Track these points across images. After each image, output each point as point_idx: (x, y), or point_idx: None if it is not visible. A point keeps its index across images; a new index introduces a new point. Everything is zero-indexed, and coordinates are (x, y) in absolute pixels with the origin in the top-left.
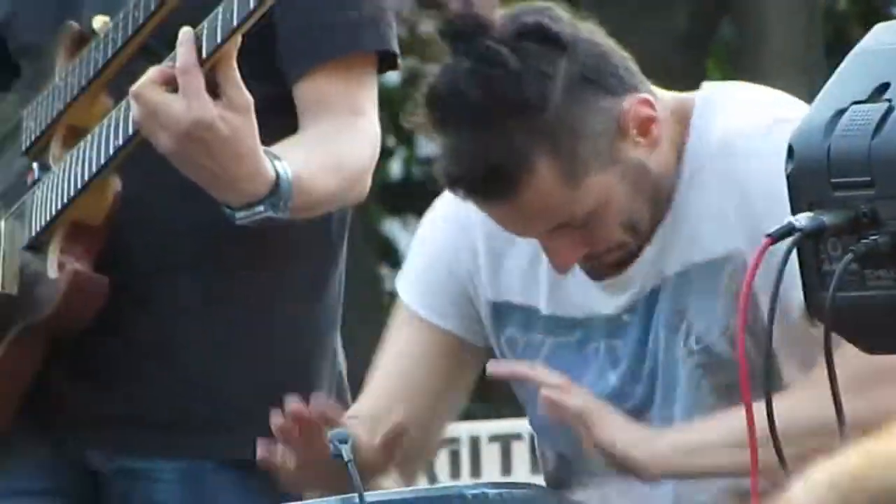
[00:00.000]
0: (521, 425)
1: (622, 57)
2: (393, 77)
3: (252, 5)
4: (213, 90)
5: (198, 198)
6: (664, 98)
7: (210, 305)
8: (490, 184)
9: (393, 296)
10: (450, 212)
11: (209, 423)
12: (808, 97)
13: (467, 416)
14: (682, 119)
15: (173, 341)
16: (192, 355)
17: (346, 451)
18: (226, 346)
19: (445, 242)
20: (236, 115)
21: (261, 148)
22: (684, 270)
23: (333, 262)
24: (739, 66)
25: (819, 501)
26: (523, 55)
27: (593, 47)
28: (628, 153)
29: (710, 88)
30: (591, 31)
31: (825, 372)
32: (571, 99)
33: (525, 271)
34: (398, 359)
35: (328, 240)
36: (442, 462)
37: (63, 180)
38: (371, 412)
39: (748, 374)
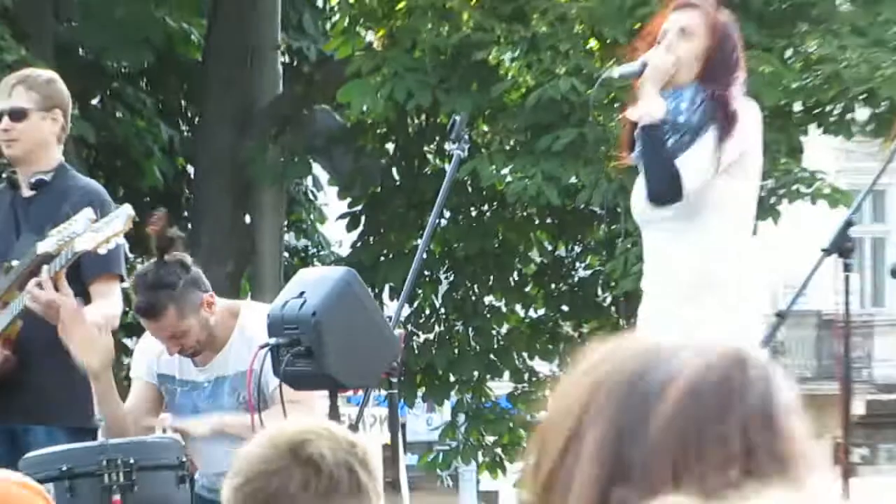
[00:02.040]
0: None
1: (204, 277)
2: None
3: (69, 257)
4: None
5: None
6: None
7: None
8: (148, 313)
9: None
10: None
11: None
12: None
13: None
14: (233, 311)
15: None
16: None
17: None
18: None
19: (146, 344)
20: (68, 298)
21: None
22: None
23: None
24: None
25: None
26: (174, 269)
27: (196, 271)
28: (203, 314)
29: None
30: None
31: None
32: (186, 288)
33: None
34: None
35: None
36: None
37: None
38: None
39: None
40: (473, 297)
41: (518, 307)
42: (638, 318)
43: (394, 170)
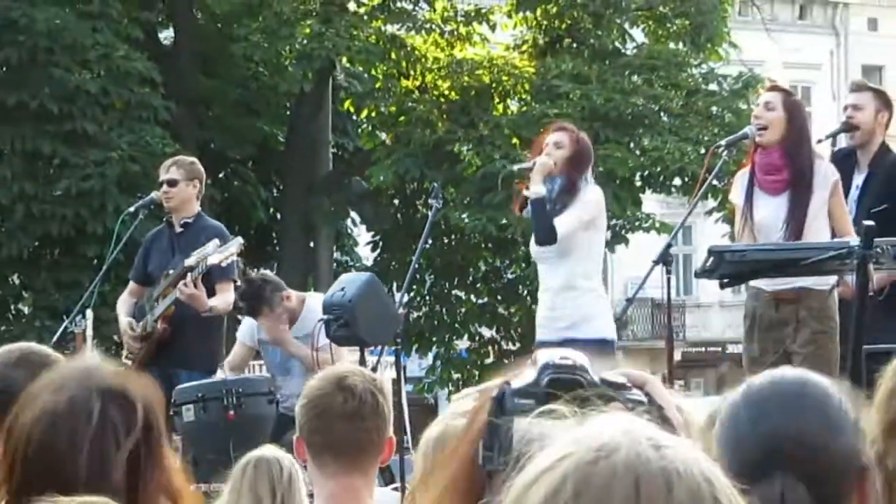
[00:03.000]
0: None
1: (282, 282)
2: None
3: (203, 268)
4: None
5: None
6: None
7: None
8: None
9: None
10: None
11: None
12: None
13: None
14: (301, 299)
15: None
16: None
17: None
18: None
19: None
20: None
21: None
22: None
23: None
24: None
25: None
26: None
27: (275, 280)
28: (284, 304)
29: None
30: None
31: None
32: (271, 293)
33: None
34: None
35: None
36: None
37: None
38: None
39: None
40: (446, 291)
41: (472, 297)
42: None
43: (399, 215)
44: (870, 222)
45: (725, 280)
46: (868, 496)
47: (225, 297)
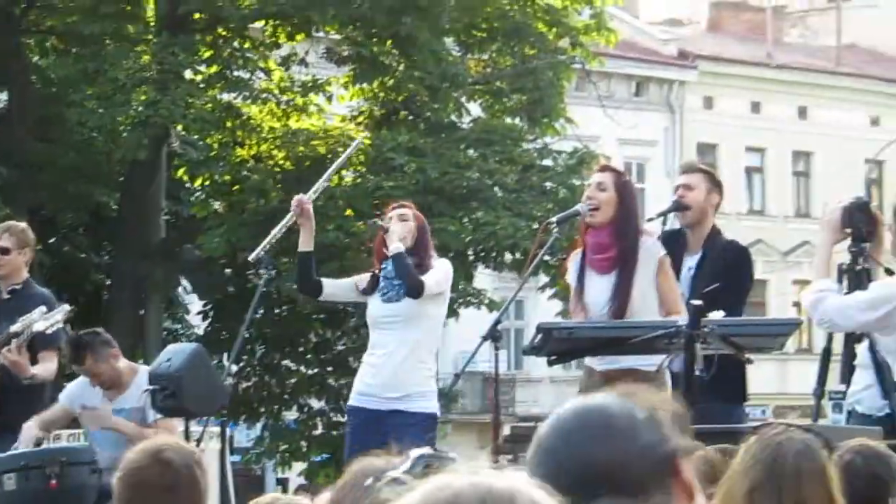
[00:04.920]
0: None
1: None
2: None
3: (28, 335)
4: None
5: None
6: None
7: None
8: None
9: None
10: None
11: None
12: None
13: None
14: (133, 369)
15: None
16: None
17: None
18: None
19: (74, 387)
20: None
21: None
22: None
23: None
24: None
25: None
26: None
27: (106, 336)
28: (111, 362)
29: None
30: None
31: None
32: (100, 345)
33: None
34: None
35: None
36: None
37: None
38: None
39: None
40: (276, 361)
41: (302, 368)
42: None
43: (231, 285)
44: (698, 301)
45: (553, 357)
46: (687, 480)
47: (48, 366)
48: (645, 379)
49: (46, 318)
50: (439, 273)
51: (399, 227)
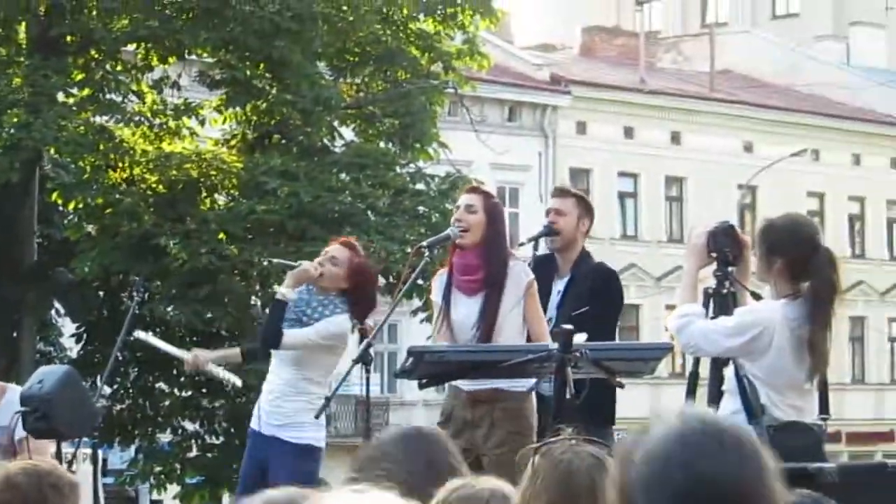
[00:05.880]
0: None
1: None
2: None
3: None
4: None
5: None
6: None
7: None
8: None
9: None
10: None
11: None
12: None
13: None
14: (3, 389)
15: None
16: None
17: None
18: None
19: None
20: None
21: None
22: None
23: None
24: None
25: None
26: None
27: None
28: None
29: None
30: None
31: None
32: None
33: None
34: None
35: None
36: None
37: None
38: None
39: None
40: (149, 383)
41: (176, 390)
42: None
43: (104, 307)
44: (568, 326)
45: (424, 381)
46: None
47: None
48: (512, 399)
49: None
50: (318, 332)
51: (306, 268)
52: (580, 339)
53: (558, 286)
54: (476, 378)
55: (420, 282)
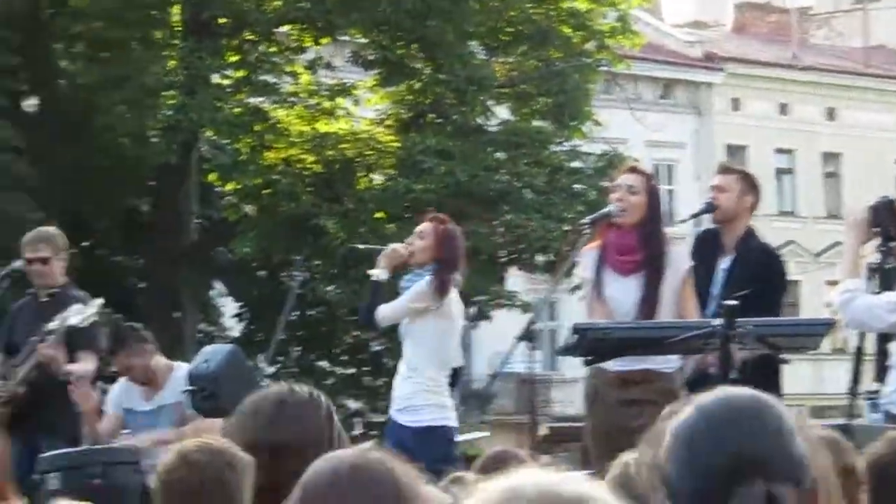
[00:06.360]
0: None
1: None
2: None
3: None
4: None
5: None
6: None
7: None
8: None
9: None
10: None
11: None
12: None
13: None
14: (170, 367)
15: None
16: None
17: None
18: None
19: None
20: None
21: None
22: None
23: None
24: None
25: None
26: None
27: (144, 332)
28: (146, 358)
29: None
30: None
31: None
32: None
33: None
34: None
35: None
36: None
37: None
38: None
39: None
40: (312, 362)
41: (338, 368)
42: None
43: (264, 287)
44: (732, 301)
45: (589, 358)
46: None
47: (85, 365)
48: (663, 380)
49: (80, 313)
50: (406, 298)
51: (395, 247)
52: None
53: (723, 263)
54: (639, 355)
55: (578, 259)
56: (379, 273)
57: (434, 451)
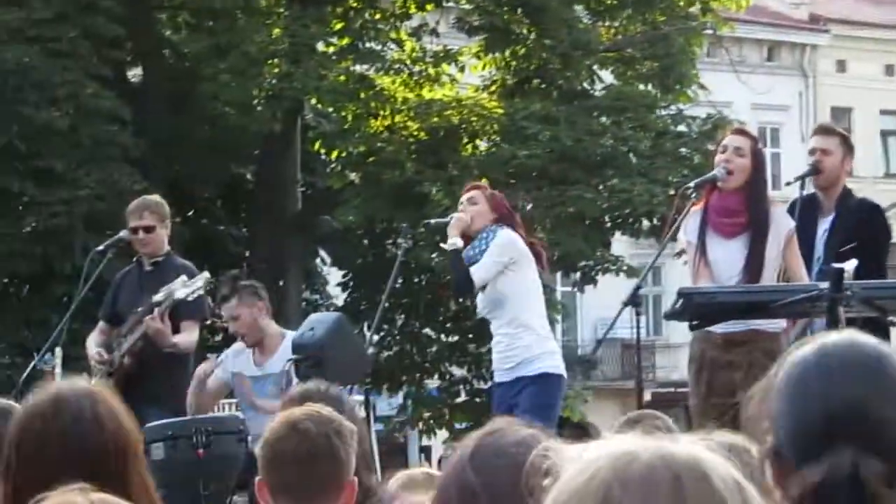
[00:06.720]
0: None
1: (265, 294)
2: None
3: (170, 303)
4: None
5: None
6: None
7: None
8: (224, 298)
9: None
10: None
11: None
12: None
13: None
14: (282, 334)
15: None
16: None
17: None
18: None
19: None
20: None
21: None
22: None
23: None
24: None
25: None
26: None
27: (257, 286)
28: (255, 312)
29: None
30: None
31: None
32: (248, 291)
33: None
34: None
35: None
36: None
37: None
38: None
39: None
40: (416, 330)
41: (443, 336)
42: None
43: (368, 255)
44: (839, 265)
45: (695, 322)
46: None
47: (189, 336)
48: (770, 340)
49: (187, 286)
50: (492, 254)
51: (459, 216)
52: (851, 265)
53: (824, 224)
54: (745, 319)
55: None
56: (455, 241)
57: (546, 398)
